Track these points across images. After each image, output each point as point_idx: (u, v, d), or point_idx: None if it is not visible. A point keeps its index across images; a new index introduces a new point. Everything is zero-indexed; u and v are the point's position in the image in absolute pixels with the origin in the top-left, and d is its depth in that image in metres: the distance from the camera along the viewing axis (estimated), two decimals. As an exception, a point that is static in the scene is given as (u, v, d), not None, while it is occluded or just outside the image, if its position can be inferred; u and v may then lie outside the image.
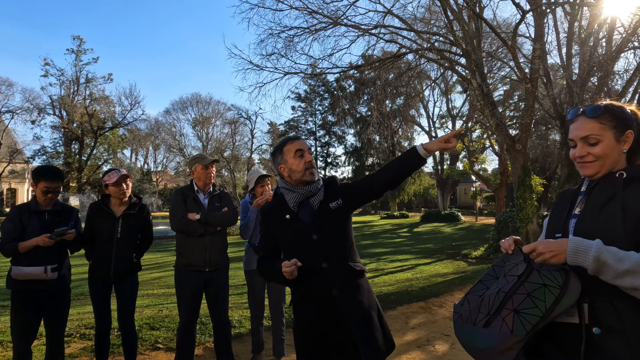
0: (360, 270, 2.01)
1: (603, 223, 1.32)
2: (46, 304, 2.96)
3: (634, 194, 1.32)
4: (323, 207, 1.99)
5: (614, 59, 8.96)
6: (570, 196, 1.54)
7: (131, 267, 3.30)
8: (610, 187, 1.38)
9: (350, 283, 1.96)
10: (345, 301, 1.91)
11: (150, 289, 8.04)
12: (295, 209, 2.01)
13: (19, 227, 2.90)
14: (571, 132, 1.46)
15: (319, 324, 1.93)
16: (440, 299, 5.93)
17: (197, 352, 3.85)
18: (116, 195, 3.25)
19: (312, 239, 1.95)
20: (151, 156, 51.67)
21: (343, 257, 1.98)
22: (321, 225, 1.96)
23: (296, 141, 2.05)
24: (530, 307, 1.26)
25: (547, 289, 1.27)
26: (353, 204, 2.05)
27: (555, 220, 1.54)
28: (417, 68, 12.78)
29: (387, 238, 18.94)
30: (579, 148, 1.44)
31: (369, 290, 2.04)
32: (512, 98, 24.36)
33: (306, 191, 2.00)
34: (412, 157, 1.95)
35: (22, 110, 32.45)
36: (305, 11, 10.03)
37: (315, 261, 1.93)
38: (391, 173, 2.00)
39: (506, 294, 1.32)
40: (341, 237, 2.00)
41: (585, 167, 1.43)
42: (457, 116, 32.47)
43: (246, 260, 3.81)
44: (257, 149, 38.47)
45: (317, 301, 1.94)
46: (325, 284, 1.92)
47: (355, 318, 1.91)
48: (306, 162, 2.00)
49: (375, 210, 39.91)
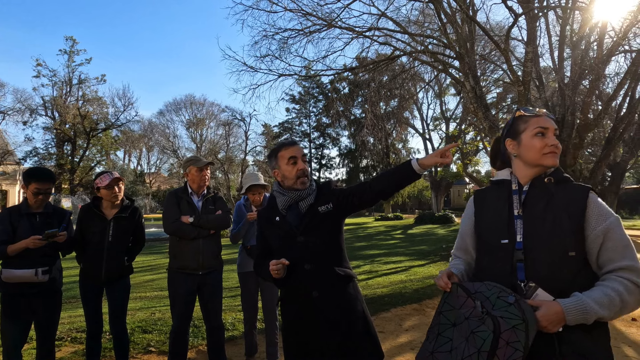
0: (346, 275, 2.00)
1: (551, 225, 1.42)
2: (37, 307, 2.93)
3: (566, 196, 1.44)
4: (311, 210, 2.02)
5: (605, 62, 9.04)
6: (502, 196, 1.58)
7: (122, 271, 3.27)
8: (544, 190, 1.49)
9: (333, 287, 1.96)
10: (326, 304, 1.92)
11: (142, 292, 7.98)
12: (284, 212, 2.05)
13: (9, 230, 2.86)
14: (544, 122, 1.53)
15: (301, 324, 1.97)
16: (434, 301, 5.94)
17: (190, 356, 3.83)
18: (108, 198, 3.22)
19: (297, 241, 1.98)
20: (144, 158, 51.48)
21: (328, 261, 1.99)
22: (307, 227, 1.99)
23: (290, 147, 2.08)
24: (514, 353, 1.28)
25: (516, 330, 1.29)
26: (344, 209, 2.06)
27: (494, 222, 1.55)
28: (411, 70, 12.82)
29: (381, 240, 18.96)
30: (553, 138, 1.52)
31: (356, 297, 2.02)
32: (505, 100, 24.49)
33: (296, 195, 2.03)
34: (406, 171, 1.95)
35: (14, 111, 32.08)
36: (299, 13, 10.03)
37: (299, 263, 1.96)
38: (383, 185, 2.00)
39: (489, 353, 1.30)
40: (327, 240, 2.01)
41: (554, 157, 1.50)
42: (450, 118, 32.64)
43: (240, 262, 3.80)
44: (252, 151, 38.36)
45: (299, 302, 1.98)
46: (306, 285, 1.95)
47: (335, 323, 1.91)
48: (298, 170, 2.03)
49: (369, 212, 39.95)
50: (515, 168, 1.59)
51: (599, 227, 1.38)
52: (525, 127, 1.55)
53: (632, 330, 4.67)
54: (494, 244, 1.52)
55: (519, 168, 1.57)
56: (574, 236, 1.39)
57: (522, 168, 1.56)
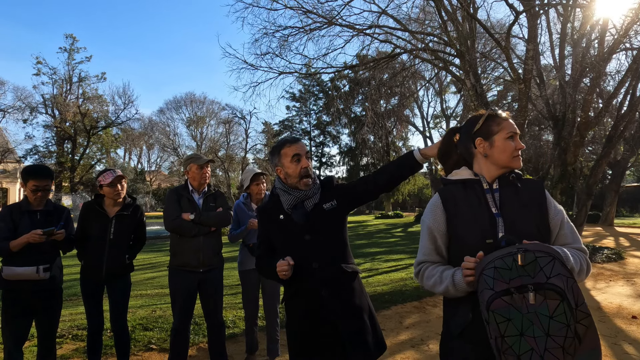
0: (352, 271, 2.02)
1: (529, 221, 1.52)
2: (38, 304, 2.93)
3: (528, 192, 1.57)
4: (317, 208, 2.01)
5: (606, 60, 9.03)
6: (474, 195, 1.57)
7: (123, 268, 3.28)
8: (512, 188, 1.59)
9: (340, 284, 1.97)
10: (335, 302, 1.93)
11: (143, 289, 7.99)
12: (290, 211, 2.03)
13: (11, 227, 2.87)
14: (514, 127, 1.61)
15: (308, 323, 1.96)
16: (434, 299, 5.95)
17: (191, 353, 3.84)
18: (111, 196, 3.22)
19: (304, 240, 1.97)
20: (145, 156, 51.45)
21: (334, 258, 1.99)
22: (313, 226, 1.98)
23: (294, 145, 2.04)
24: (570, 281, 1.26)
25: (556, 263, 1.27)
26: (348, 205, 2.07)
27: (474, 222, 1.53)
28: (411, 68, 12.79)
29: (382, 238, 18.97)
30: (519, 142, 1.60)
31: (361, 291, 2.05)
32: (506, 98, 24.47)
33: (302, 194, 2.01)
34: (408, 161, 1.98)
35: (14, 109, 32.04)
36: (299, 11, 10.00)
37: (306, 261, 1.95)
38: (387, 176, 2.02)
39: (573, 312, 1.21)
40: (333, 238, 2.02)
41: (520, 160, 1.60)
42: (451, 116, 32.60)
43: (241, 260, 3.80)
44: (252, 149, 38.37)
45: (306, 300, 1.97)
46: (315, 284, 1.95)
47: (344, 319, 1.92)
48: (302, 168, 2.00)
49: (370, 210, 39.95)
50: (482, 167, 1.63)
51: (557, 216, 1.56)
52: (499, 130, 1.60)
53: (632, 328, 4.67)
54: (475, 245, 1.47)
55: (487, 168, 1.61)
56: (547, 228, 1.54)
57: (490, 168, 1.61)
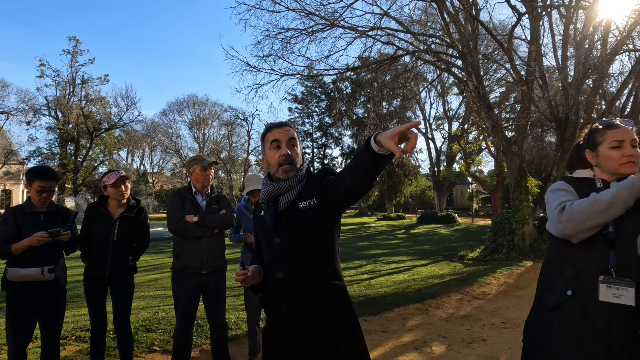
0: (326, 287, 1.63)
1: None
2: (41, 306, 2.93)
3: None
4: (291, 207, 1.67)
5: (609, 62, 9.02)
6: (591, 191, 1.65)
7: (127, 270, 3.28)
8: None
9: (306, 301, 1.62)
10: (296, 321, 1.61)
11: (146, 291, 8.00)
12: (264, 207, 1.76)
13: (14, 229, 2.86)
14: (620, 135, 1.64)
15: (273, 336, 1.71)
16: (437, 301, 5.93)
17: (194, 355, 3.83)
18: (114, 196, 3.23)
19: (274, 243, 1.68)
20: (147, 157, 51.47)
21: (306, 268, 1.63)
22: (283, 228, 1.67)
23: (275, 129, 1.72)
24: None
25: None
26: (331, 205, 1.64)
27: None
28: (413, 70, 12.80)
29: (384, 239, 18.95)
30: (629, 148, 1.63)
31: (339, 313, 1.64)
32: (508, 100, 24.44)
33: (275, 188, 1.69)
34: (361, 154, 1.44)
35: (17, 111, 32.25)
36: (302, 13, 10.04)
37: (272, 269, 1.68)
38: (354, 176, 1.50)
39: None
40: (308, 244, 1.65)
41: (633, 166, 1.62)
42: (453, 118, 32.56)
43: (242, 261, 3.79)
44: (254, 151, 38.40)
45: (270, 313, 1.73)
46: (275, 296, 1.67)
47: (305, 341, 1.60)
48: (281, 156, 1.68)
49: (372, 212, 39.93)
50: (598, 173, 1.72)
51: None
52: (602, 140, 1.68)
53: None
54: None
55: (601, 175, 1.70)
56: None
57: (603, 176, 1.70)
